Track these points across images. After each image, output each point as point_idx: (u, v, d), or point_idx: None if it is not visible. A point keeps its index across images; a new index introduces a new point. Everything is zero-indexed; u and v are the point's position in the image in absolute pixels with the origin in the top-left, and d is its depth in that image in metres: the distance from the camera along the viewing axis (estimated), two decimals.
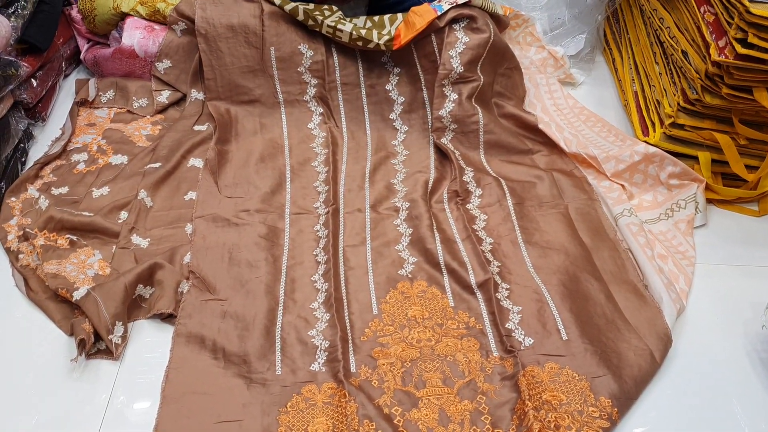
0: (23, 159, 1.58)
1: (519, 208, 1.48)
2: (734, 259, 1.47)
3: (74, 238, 1.38)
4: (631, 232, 1.42)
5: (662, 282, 1.31)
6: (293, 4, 1.65)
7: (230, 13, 1.66)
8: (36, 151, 1.62)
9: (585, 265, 1.35)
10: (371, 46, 1.64)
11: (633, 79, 1.82)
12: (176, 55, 1.74)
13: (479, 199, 1.51)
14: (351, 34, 1.62)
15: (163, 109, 1.75)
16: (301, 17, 1.64)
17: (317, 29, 1.65)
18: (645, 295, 1.31)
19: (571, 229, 1.43)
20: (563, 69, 1.92)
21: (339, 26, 1.63)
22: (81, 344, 1.15)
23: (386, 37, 1.62)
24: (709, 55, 1.40)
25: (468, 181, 1.54)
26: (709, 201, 1.57)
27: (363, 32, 1.63)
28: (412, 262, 1.38)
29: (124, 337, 1.22)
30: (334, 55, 1.71)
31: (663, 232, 1.48)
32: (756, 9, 1.28)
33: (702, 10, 1.47)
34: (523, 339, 1.22)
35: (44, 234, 1.37)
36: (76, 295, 1.20)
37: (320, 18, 1.63)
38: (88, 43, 1.85)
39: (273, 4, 1.66)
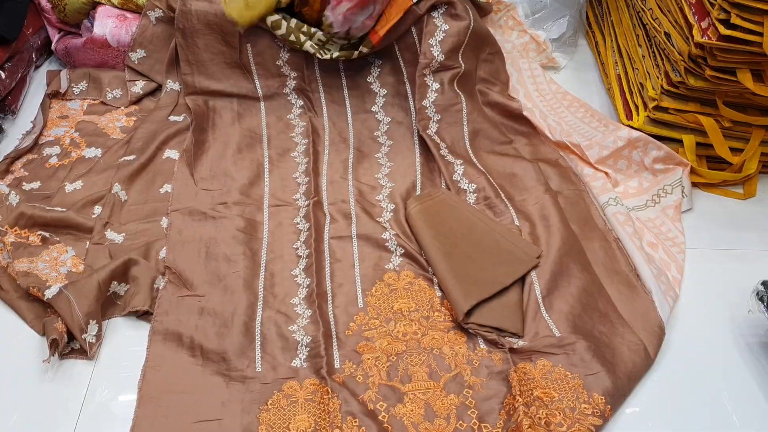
0: None
1: (511, 203, 1.45)
2: (720, 242, 1.46)
3: (46, 234, 1.34)
4: (618, 222, 1.40)
5: (652, 273, 1.30)
6: (277, 17, 1.57)
7: (210, 10, 1.59)
8: (6, 145, 1.57)
9: (576, 256, 1.33)
10: (355, 56, 1.60)
11: (616, 62, 1.80)
12: (150, 44, 1.69)
13: (474, 195, 1.48)
14: (332, 56, 1.59)
15: (137, 100, 1.70)
16: (282, 32, 1.58)
17: (297, 47, 1.60)
18: (637, 285, 1.29)
19: (561, 217, 1.41)
20: (545, 53, 1.89)
21: (318, 55, 1.59)
22: (53, 344, 1.12)
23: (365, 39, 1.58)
24: (692, 36, 1.38)
25: (458, 179, 1.51)
26: (694, 185, 1.55)
27: (344, 53, 1.59)
28: (400, 253, 1.36)
29: (99, 336, 1.18)
30: None
31: (651, 219, 1.46)
32: None
33: None
34: (516, 339, 1.20)
35: (15, 231, 1.33)
36: (48, 294, 1.16)
37: (303, 39, 1.58)
38: (59, 33, 1.80)
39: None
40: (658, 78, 1.54)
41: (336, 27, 1.53)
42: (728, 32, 1.30)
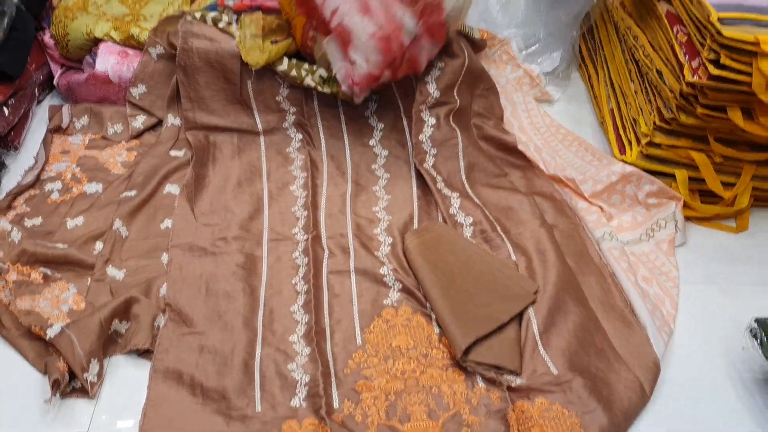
0: None
1: (508, 236, 1.47)
2: (714, 277, 1.48)
3: (48, 271, 1.35)
4: (613, 257, 1.42)
5: (647, 308, 1.31)
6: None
7: (211, 48, 1.61)
8: (9, 181, 1.59)
9: (573, 291, 1.35)
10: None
11: (609, 96, 1.83)
12: (151, 80, 1.72)
13: (471, 228, 1.50)
14: (332, 91, 1.62)
15: (138, 135, 1.72)
16: (283, 68, 1.61)
17: (298, 82, 1.63)
18: (632, 321, 1.31)
19: (557, 251, 1.43)
20: (539, 87, 1.93)
21: (318, 88, 1.62)
22: (55, 385, 1.13)
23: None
24: (683, 75, 1.41)
25: (455, 213, 1.53)
26: (687, 218, 1.57)
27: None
28: (398, 288, 1.37)
29: (100, 375, 1.19)
30: None
31: (646, 253, 1.48)
32: (727, 32, 1.29)
33: (675, 29, 1.48)
34: (514, 377, 1.21)
35: (17, 268, 1.34)
36: (50, 333, 1.18)
37: (304, 74, 1.61)
38: (61, 68, 1.83)
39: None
40: (650, 114, 1.57)
41: (356, 99, 1.57)
42: (718, 72, 1.34)
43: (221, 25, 1.62)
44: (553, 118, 1.84)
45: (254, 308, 1.31)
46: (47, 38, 1.79)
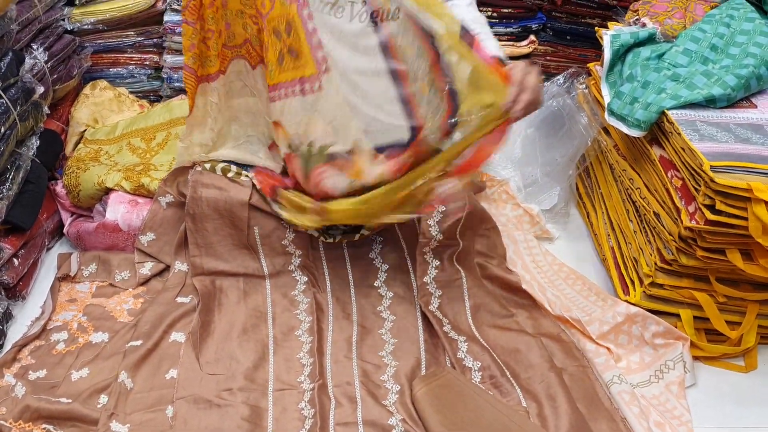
0: (1, 342, 1.55)
1: (517, 381, 1.46)
2: (726, 419, 1.47)
3: (51, 428, 1.33)
4: (624, 401, 1.41)
5: None
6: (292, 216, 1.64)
7: (221, 197, 1.66)
8: (14, 332, 1.59)
9: None
10: (356, 238, 1.69)
11: (608, 235, 1.86)
12: (160, 227, 1.76)
13: (479, 373, 1.49)
14: (335, 239, 1.68)
15: (145, 281, 1.74)
16: (287, 216, 1.64)
17: (303, 230, 1.67)
18: None
19: (567, 397, 1.41)
20: (539, 225, 1.97)
21: (322, 239, 1.68)
22: None
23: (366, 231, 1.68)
24: (681, 219, 1.44)
25: (463, 357, 1.52)
26: (695, 358, 1.56)
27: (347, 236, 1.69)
28: None
29: None
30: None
31: (656, 395, 1.47)
32: (720, 179, 1.34)
33: (669, 174, 1.53)
34: None
35: (19, 424, 1.32)
36: None
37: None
38: (71, 216, 1.87)
39: (266, 200, 1.66)
40: (651, 255, 1.59)
41: None
42: (714, 217, 1.37)
43: (230, 175, 1.67)
44: (555, 256, 1.87)
45: None
46: (59, 188, 1.85)
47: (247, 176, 1.67)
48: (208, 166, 1.69)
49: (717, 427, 1.44)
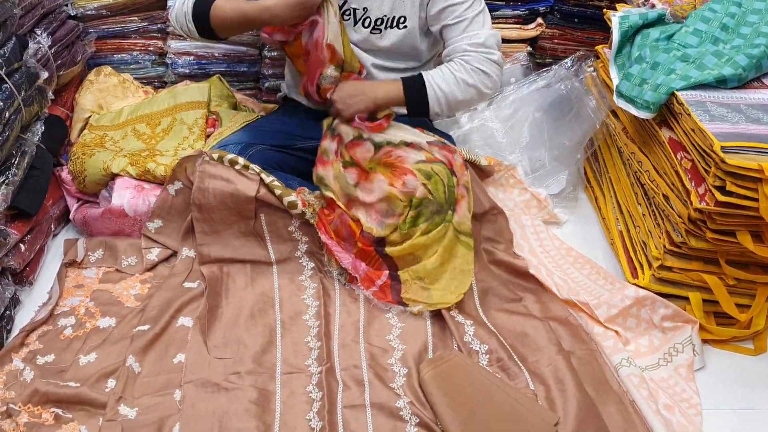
0: (9, 327, 1.55)
1: (525, 364, 1.46)
2: (735, 402, 1.46)
3: (59, 411, 1.33)
4: (633, 384, 1.40)
5: None
6: (293, 198, 1.64)
7: (227, 189, 1.64)
8: (22, 317, 1.59)
9: (594, 422, 1.32)
10: None
11: (617, 219, 1.85)
12: (168, 215, 1.75)
13: (487, 356, 1.48)
14: None
15: (152, 267, 1.74)
16: (297, 211, 1.65)
17: (305, 217, 1.66)
18: None
19: (575, 380, 1.40)
20: (547, 210, 1.95)
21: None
22: None
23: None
24: (691, 201, 1.43)
25: (470, 340, 1.52)
26: (704, 341, 1.56)
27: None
28: (415, 422, 1.34)
29: None
30: None
31: (665, 378, 1.46)
32: (731, 159, 1.33)
33: (679, 156, 1.52)
34: None
35: (28, 408, 1.32)
36: None
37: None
38: (77, 202, 1.87)
39: (273, 194, 1.65)
40: (659, 237, 1.58)
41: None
42: (725, 198, 1.36)
43: (238, 167, 1.65)
44: (562, 241, 1.86)
45: None
46: (65, 174, 1.85)
47: (254, 169, 1.66)
48: (216, 156, 1.68)
49: (726, 410, 1.43)
